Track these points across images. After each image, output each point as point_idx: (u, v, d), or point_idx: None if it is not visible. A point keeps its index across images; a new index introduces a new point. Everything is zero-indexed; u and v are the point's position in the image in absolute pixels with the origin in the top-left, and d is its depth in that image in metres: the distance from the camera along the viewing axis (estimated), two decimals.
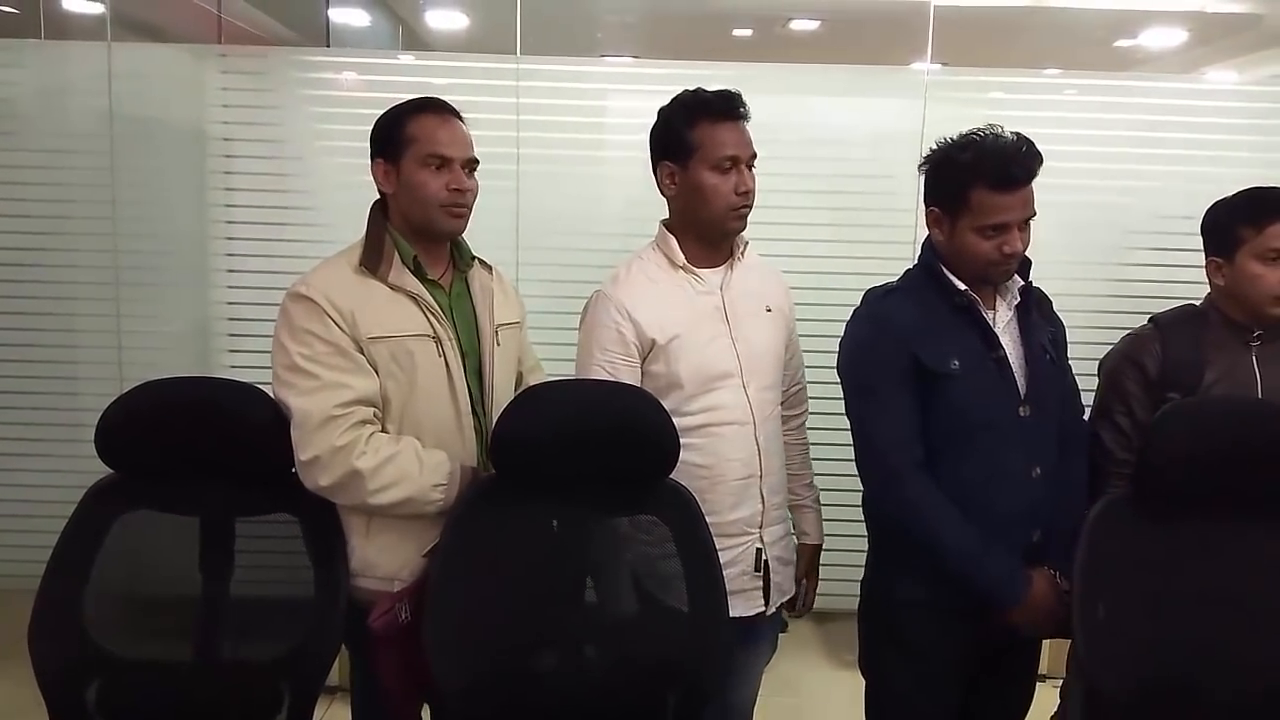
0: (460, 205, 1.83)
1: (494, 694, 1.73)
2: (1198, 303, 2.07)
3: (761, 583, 1.95)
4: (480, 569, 1.76)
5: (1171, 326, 2.02)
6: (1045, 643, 2.66)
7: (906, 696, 1.92)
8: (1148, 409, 1.94)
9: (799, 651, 3.32)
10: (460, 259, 1.93)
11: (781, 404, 2.05)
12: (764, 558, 1.95)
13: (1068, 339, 2.00)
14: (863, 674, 2.03)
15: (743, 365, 1.92)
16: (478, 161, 1.87)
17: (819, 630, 3.47)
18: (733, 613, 1.84)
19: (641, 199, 2.03)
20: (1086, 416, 2.05)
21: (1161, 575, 1.77)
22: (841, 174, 3.13)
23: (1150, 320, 2.06)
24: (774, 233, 2.87)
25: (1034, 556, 1.85)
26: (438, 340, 1.82)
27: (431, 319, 1.82)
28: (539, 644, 1.78)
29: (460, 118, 1.88)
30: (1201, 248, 2.05)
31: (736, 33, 5.06)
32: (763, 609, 1.96)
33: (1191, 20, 4.56)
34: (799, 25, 4.83)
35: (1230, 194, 2.02)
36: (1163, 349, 1.98)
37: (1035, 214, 1.81)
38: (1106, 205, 3.12)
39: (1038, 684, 2.04)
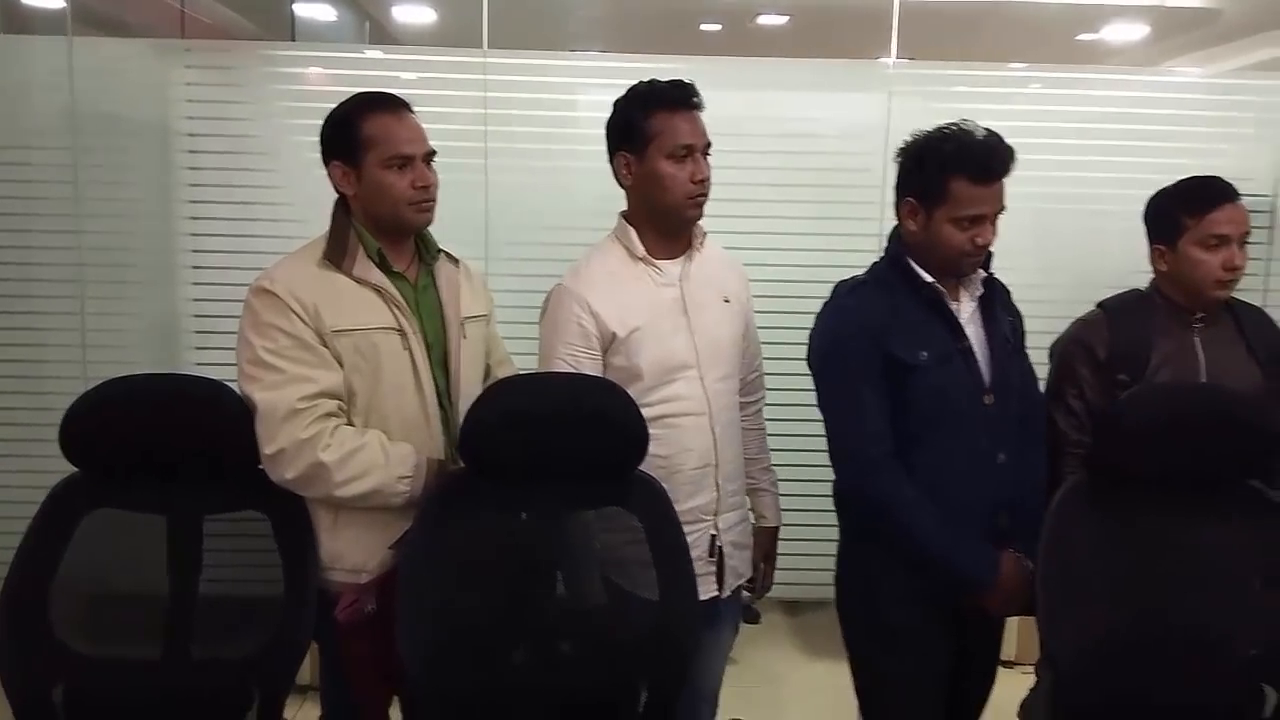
0: (427, 200, 1.83)
1: (466, 687, 1.73)
2: (1143, 288, 2.12)
3: (715, 568, 1.97)
4: (450, 563, 1.76)
5: (1119, 311, 2.07)
6: (1015, 630, 2.71)
7: (906, 686, 1.93)
8: (1098, 390, 2.01)
9: (774, 642, 3.34)
10: (426, 251, 1.93)
11: (739, 391, 2.06)
12: (718, 543, 1.97)
13: (1035, 330, 2.03)
14: (853, 673, 2.00)
15: (700, 357, 1.93)
16: (435, 151, 1.86)
17: (791, 621, 3.50)
18: None
19: (611, 193, 2.03)
20: None
21: (1119, 554, 1.82)
22: (808, 167, 3.14)
23: (1098, 305, 2.12)
24: (742, 225, 2.89)
25: (1000, 539, 1.88)
26: (402, 333, 1.82)
27: (396, 312, 1.81)
28: (510, 637, 1.78)
29: (410, 109, 1.86)
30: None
31: (705, 27, 5.08)
32: (717, 593, 1.98)
33: (1152, 14, 4.63)
34: (767, 20, 4.86)
35: (1170, 183, 2.07)
36: (1111, 333, 2.03)
37: (1005, 208, 1.84)
38: (1070, 197, 3.15)
39: (1010, 670, 2.06)
